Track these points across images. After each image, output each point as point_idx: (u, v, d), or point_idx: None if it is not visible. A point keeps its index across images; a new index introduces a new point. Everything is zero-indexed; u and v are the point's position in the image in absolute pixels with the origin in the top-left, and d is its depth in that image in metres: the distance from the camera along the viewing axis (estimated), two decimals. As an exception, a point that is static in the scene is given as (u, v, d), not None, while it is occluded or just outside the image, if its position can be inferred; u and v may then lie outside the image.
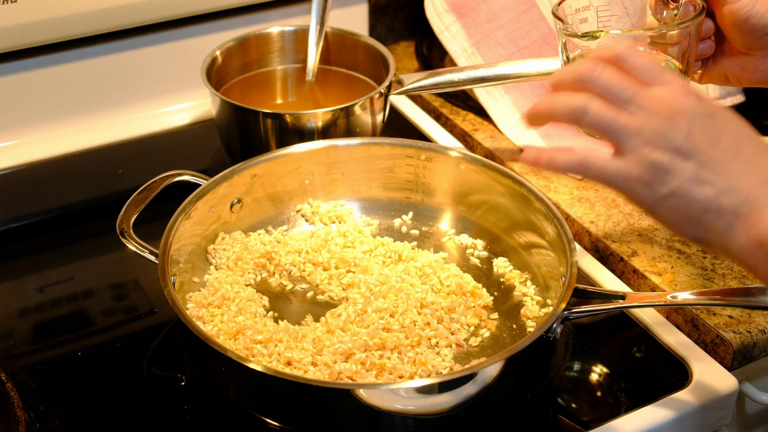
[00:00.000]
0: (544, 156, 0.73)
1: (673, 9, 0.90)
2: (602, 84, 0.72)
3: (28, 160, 1.18)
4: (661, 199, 0.70)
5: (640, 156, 0.70)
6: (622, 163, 0.71)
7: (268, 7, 1.27)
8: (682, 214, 0.70)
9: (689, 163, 0.69)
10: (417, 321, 0.91)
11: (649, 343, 0.93)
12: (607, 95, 0.72)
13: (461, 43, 1.22)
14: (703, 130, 0.70)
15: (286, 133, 1.08)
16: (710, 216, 0.69)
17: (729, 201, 0.69)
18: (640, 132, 0.70)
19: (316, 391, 0.80)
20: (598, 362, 0.92)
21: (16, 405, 0.79)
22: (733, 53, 0.92)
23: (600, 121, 0.71)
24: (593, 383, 0.91)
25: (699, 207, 0.69)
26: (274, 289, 0.98)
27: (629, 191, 0.71)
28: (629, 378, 0.91)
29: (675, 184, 0.69)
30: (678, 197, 0.69)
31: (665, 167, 0.69)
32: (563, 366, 0.91)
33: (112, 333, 0.96)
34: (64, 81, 1.19)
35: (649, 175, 0.70)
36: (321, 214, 1.05)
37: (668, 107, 0.71)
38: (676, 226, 0.71)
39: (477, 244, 1.03)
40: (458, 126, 1.24)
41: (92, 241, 1.09)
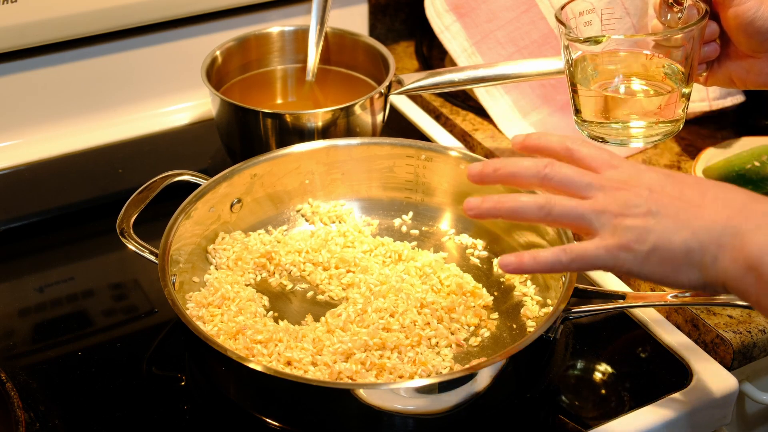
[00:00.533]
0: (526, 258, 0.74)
1: (677, 12, 0.90)
2: (558, 179, 0.74)
3: (28, 160, 1.18)
4: (647, 257, 0.71)
5: (613, 228, 0.72)
6: (598, 241, 0.72)
7: (268, 7, 1.27)
8: (670, 262, 0.71)
9: (660, 218, 0.71)
10: (417, 321, 0.91)
11: (649, 343, 0.93)
12: (565, 188, 0.74)
13: (461, 43, 1.22)
14: (663, 189, 0.73)
15: (286, 133, 1.08)
16: (695, 255, 0.70)
17: (707, 235, 0.70)
18: (606, 209, 0.72)
19: (316, 391, 0.80)
20: (598, 362, 0.92)
21: (16, 405, 0.79)
22: (738, 56, 0.92)
23: (566, 212, 0.73)
24: (593, 383, 0.91)
25: (682, 250, 0.70)
26: (274, 289, 0.98)
27: (615, 262, 0.72)
28: (629, 378, 0.91)
29: (653, 238, 0.71)
30: (661, 249, 0.71)
31: (640, 227, 0.71)
32: (563, 366, 0.91)
33: (112, 333, 0.96)
34: (64, 81, 1.19)
35: (627, 239, 0.71)
36: (321, 214, 1.05)
37: (625, 182, 0.73)
38: (670, 276, 0.72)
39: (477, 244, 1.03)
40: (458, 126, 1.24)
41: (92, 241, 1.09)
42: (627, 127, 0.93)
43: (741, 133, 1.17)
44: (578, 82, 0.93)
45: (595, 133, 0.95)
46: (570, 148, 0.77)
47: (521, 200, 0.74)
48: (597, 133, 0.94)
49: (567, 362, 0.92)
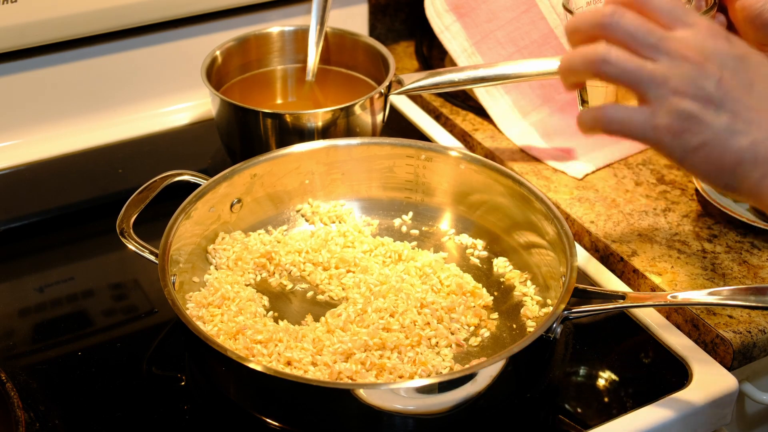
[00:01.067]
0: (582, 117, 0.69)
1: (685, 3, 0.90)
2: (623, 29, 0.67)
3: (28, 160, 1.18)
4: (693, 151, 0.66)
5: (668, 105, 0.66)
6: (648, 114, 0.66)
7: (268, 7, 1.27)
8: (715, 165, 0.66)
9: (722, 112, 0.65)
10: (417, 321, 0.91)
11: (649, 343, 0.93)
12: (629, 42, 0.67)
13: (461, 43, 1.22)
14: (735, 74, 0.66)
15: (286, 133, 1.08)
16: (745, 167, 0.66)
17: (765, 151, 0.65)
18: (667, 80, 0.66)
19: (316, 391, 0.80)
20: (598, 362, 0.92)
21: (16, 405, 0.79)
22: None
23: (623, 70, 0.67)
24: (593, 383, 0.91)
25: (733, 158, 0.66)
26: (274, 289, 0.98)
27: (657, 143, 0.67)
28: (629, 378, 0.91)
29: (707, 134, 0.65)
30: (711, 148, 0.66)
31: (696, 117, 0.65)
32: (563, 366, 0.91)
33: (112, 333, 0.96)
34: (64, 81, 1.19)
35: (679, 125, 0.66)
36: (321, 214, 1.05)
37: (696, 51, 0.66)
38: (707, 176, 0.67)
39: (477, 244, 1.03)
40: (458, 126, 1.24)
41: (92, 241, 1.09)
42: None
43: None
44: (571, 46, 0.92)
45: None
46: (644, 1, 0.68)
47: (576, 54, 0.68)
48: None
49: (567, 362, 0.92)
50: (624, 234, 1.04)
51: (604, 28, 0.67)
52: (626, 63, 0.67)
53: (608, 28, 0.67)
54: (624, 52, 0.67)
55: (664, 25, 0.68)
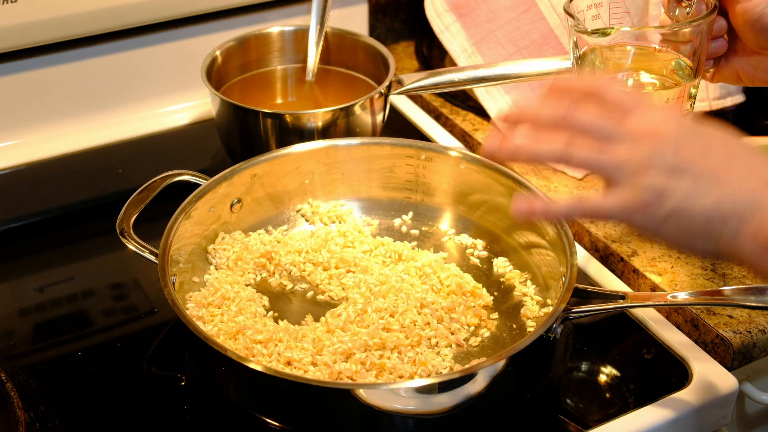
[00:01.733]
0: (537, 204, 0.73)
1: (685, 7, 0.89)
2: (582, 123, 0.71)
3: (28, 160, 1.18)
4: (663, 220, 0.68)
5: (632, 184, 0.69)
6: (616, 195, 0.69)
7: (268, 7, 1.27)
8: (687, 230, 0.68)
9: (683, 179, 0.68)
10: (417, 321, 0.91)
11: (649, 343, 0.93)
12: (588, 133, 0.71)
13: (461, 43, 1.22)
14: (690, 144, 0.69)
15: (286, 133, 1.08)
16: (715, 226, 0.67)
17: (731, 207, 0.67)
18: (628, 161, 0.69)
19: (316, 391, 0.80)
20: (598, 362, 0.92)
21: (16, 405, 0.79)
22: (745, 52, 0.91)
23: (585, 159, 0.70)
24: (593, 383, 0.91)
25: (702, 219, 0.68)
26: (274, 289, 0.98)
27: (630, 220, 0.70)
28: (629, 378, 0.91)
29: (673, 202, 0.68)
30: (679, 215, 0.68)
31: (660, 188, 0.68)
32: (563, 366, 0.91)
33: (112, 333, 0.96)
34: (64, 81, 1.19)
35: (645, 199, 0.68)
36: (321, 214, 1.05)
37: (651, 131, 0.70)
38: (684, 243, 0.69)
39: (477, 244, 1.03)
40: (458, 126, 1.24)
41: (92, 241, 1.09)
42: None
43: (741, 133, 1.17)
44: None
45: None
46: (598, 90, 0.72)
47: (542, 144, 0.71)
48: None
49: (567, 362, 0.92)
50: (624, 234, 1.04)
51: (564, 122, 0.71)
52: (587, 153, 0.70)
53: (567, 122, 0.71)
54: (585, 143, 0.70)
55: (620, 114, 0.71)
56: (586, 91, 0.73)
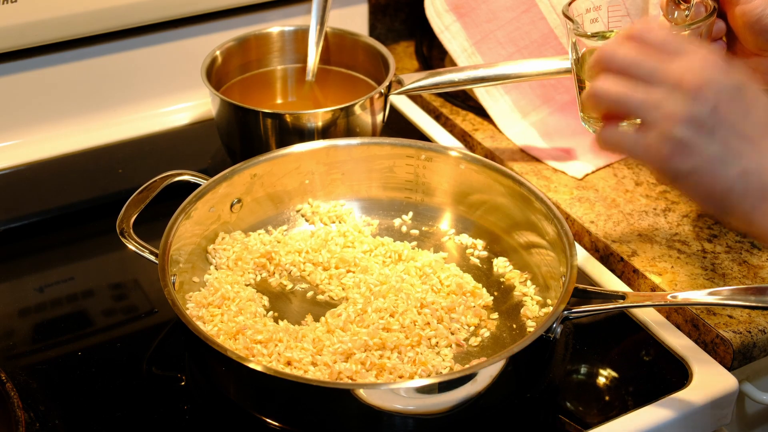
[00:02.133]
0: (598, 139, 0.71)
1: (684, 10, 0.89)
2: (619, 61, 0.69)
3: (28, 160, 1.18)
4: (683, 176, 0.67)
5: (660, 129, 0.67)
6: (642, 137, 0.67)
7: (268, 7, 1.27)
8: (706, 192, 0.67)
9: (714, 139, 0.66)
10: (417, 321, 0.91)
11: (649, 343, 0.93)
12: (627, 71, 0.69)
13: (461, 43, 1.22)
14: (730, 102, 0.67)
15: (286, 133, 1.08)
16: (735, 197, 0.66)
17: (757, 181, 0.65)
18: (659, 105, 0.67)
19: (316, 391, 0.80)
20: (598, 362, 0.92)
21: (16, 405, 0.79)
22: (744, 54, 0.91)
23: (616, 99, 0.68)
24: (593, 383, 0.91)
25: (724, 187, 0.66)
26: (274, 289, 0.98)
27: (649, 164, 0.68)
28: (629, 378, 0.91)
29: (698, 161, 0.66)
30: (701, 175, 0.66)
31: (687, 143, 0.66)
32: (563, 366, 0.91)
33: (112, 333, 0.96)
34: (64, 81, 1.19)
35: (669, 149, 0.66)
36: (321, 214, 1.05)
37: (692, 78, 0.67)
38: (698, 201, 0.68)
39: (477, 244, 1.03)
40: (458, 126, 1.24)
41: (92, 241, 1.09)
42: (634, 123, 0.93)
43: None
44: (585, 79, 0.93)
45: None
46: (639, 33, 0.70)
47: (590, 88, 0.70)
48: None
49: (567, 362, 0.92)
50: (624, 234, 1.04)
51: (602, 61, 0.70)
52: (617, 91, 0.69)
53: (605, 61, 0.70)
54: (617, 81, 0.69)
55: (664, 56, 0.69)
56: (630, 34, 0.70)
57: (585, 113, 0.96)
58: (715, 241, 1.02)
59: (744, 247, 1.01)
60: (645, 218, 1.06)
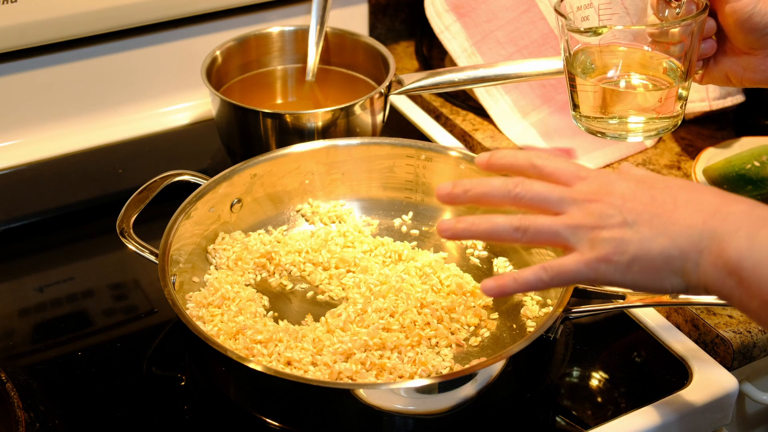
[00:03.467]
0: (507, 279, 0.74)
1: (675, 7, 0.90)
2: (529, 198, 0.74)
3: (28, 160, 1.18)
4: (627, 267, 0.71)
5: (590, 242, 0.72)
6: (577, 256, 0.72)
7: (268, 7, 1.27)
8: (652, 271, 0.71)
9: (636, 228, 0.71)
10: (417, 321, 0.91)
11: (649, 343, 0.93)
12: (538, 205, 0.74)
13: (461, 43, 1.22)
14: (635, 196, 0.72)
15: (286, 133, 1.08)
16: (676, 262, 0.70)
17: (687, 242, 0.70)
18: (581, 223, 0.72)
19: (316, 391, 0.80)
20: (598, 362, 0.92)
21: (16, 405, 0.79)
22: (734, 53, 0.91)
23: (541, 231, 0.73)
24: (593, 383, 0.91)
25: (663, 258, 0.71)
26: (274, 289, 0.98)
27: (596, 275, 0.72)
28: (629, 378, 0.91)
29: (632, 248, 0.71)
30: (641, 258, 0.71)
31: (617, 239, 0.71)
32: (563, 366, 0.91)
33: (112, 333, 0.96)
34: (64, 81, 1.19)
35: (606, 251, 0.71)
36: (321, 214, 1.05)
37: (596, 192, 0.73)
38: (653, 283, 0.72)
39: (477, 244, 1.03)
40: (458, 126, 1.24)
41: (92, 241, 1.09)
42: (625, 121, 0.94)
43: (741, 133, 1.17)
44: (577, 76, 0.93)
45: (593, 127, 0.95)
46: (536, 164, 0.76)
47: (496, 221, 0.74)
48: (595, 127, 0.94)
49: (567, 362, 0.92)
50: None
51: (514, 198, 0.75)
52: (542, 224, 0.73)
53: (516, 198, 0.75)
54: (538, 216, 0.74)
55: (564, 183, 0.75)
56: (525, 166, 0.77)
57: (576, 111, 0.96)
58: (715, 241, 1.02)
59: (744, 247, 1.01)
60: (645, 218, 1.05)
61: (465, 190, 0.77)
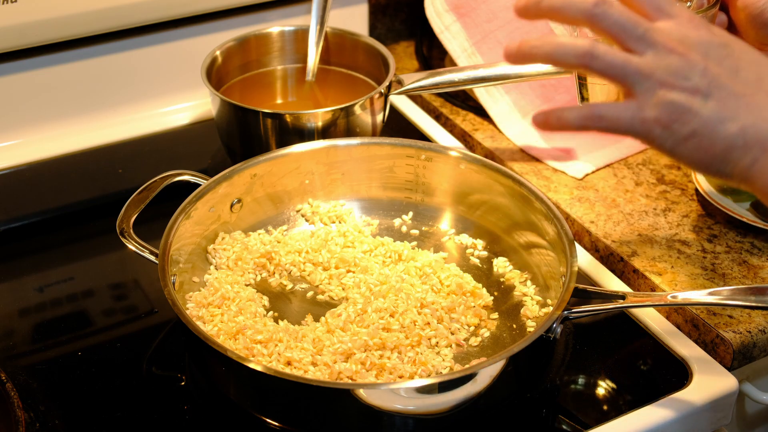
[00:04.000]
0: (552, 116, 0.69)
1: (686, 1, 0.89)
2: (610, 20, 0.67)
3: (28, 160, 1.18)
4: (683, 140, 0.66)
5: (656, 98, 0.66)
6: (636, 108, 0.67)
7: (268, 7, 1.27)
8: (706, 153, 0.66)
9: (709, 100, 0.66)
10: (417, 321, 0.91)
11: (649, 343, 0.93)
12: (616, 33, 0.68)
13: (461, 43, 1.22)
14: (719, 62, 0.67)
15: (286, 133, 1.08)
16: (736, 152, 0.66)
17: (755, 135, 0.65)
18: (653, 72, 0.66)
19: (316, 391, 0.80)
20: (598, 362, 0.92)
21: (16, 405, 0.79)
22: None
23: (610, 65, 0.67)
24: (593, 383, 0.91)
25: (724, 145, 0.66)
26: (274, 289, 0.98)
27: (647, 135, 0.67)
28: (629, 378, 0.91)
29: (696, 123, 0.66)
30: (701, 137, 0.66)
31: (684, 107, 0.66)
32: (563, 366, 0.91)
33: (112, 333, 0.96)
34: (64, 81, 1.19)
35: (668, 116, 0.66)
36: (321, 214, 1.05)
37: (680, 42, 0.67)
38: (699, 165, 0.68)
39: (477, 244, 1.03)
40: (458, 126, 1.24)
41: (92, 241, 1.09)
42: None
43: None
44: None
45: None
46: None
47: (562, 42, 0.68)
48: None
49: (567, 362, 0.92)
50: (624, 234, 1.04)
51: (592, 17, 0.68)
52: (613, 58, 0.67)
53: (595, 18, 0.68)
54: (609, 47, 0.67)
55: (647, 16, 0.68)
56: None
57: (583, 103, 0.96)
58: (715, 241, 1.02)
59: (744, 247, 1.01)
60: (645, 218, 1.06)
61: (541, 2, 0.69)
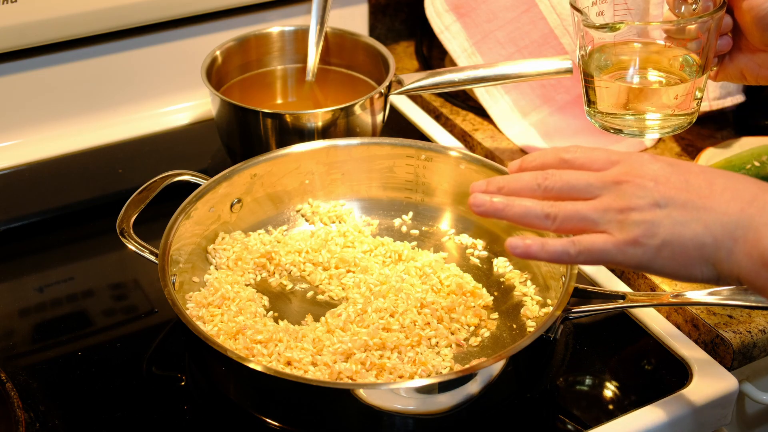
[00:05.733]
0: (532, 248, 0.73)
1: (691, 4, 0.89)
2: (559, 187, 0.73)
3: (28, 160, 1.18)
4: (657, 251, 0.70)
5: (620, 224, 0.70)
6: (606, 236, 0.71)
7: (268, 7, 1.27)
8: (682, 257, 0.69)
9: (668, 210, 0.69)
10: (417, 321, 0.91)
11: (649, 343, 0.93)
12: (568, 194, 0.73)
13: (461, 43, 1.22)
14: (669, 179, 0.71)
15: (286, 133, 1.08)
16: (709, 249, 0.69)
17: (721, 229, 0.68)
18: (610, 205, 0.71)
19: (316, 391, 0.80)
20: (598, 362, 0.92)
21: (16, 405, 0.79)
22: (750, 50, 0.91)
23: (570, 216, 0.72)
24: (593, 383, 0.91)
25: (694, 245, 0.69)
26: (274, 289, 0.98)
27: (624, 257, 0.70)
28: (629, 378, 0.91)
29: (663, 232, 0.69)
30: (672, 244, 0.69)
31: (647, 221, 0.69)
32: (563, 366, 0.91)
33: (112, 333, 0.96)
34: (64, 81, 1.19)
35: (636, 234, 0.70)
36: (321, 214, 1.05)
37: (627, 174, 0.71)
38: (683, 271, 0.70)
39: (477, 244, 1.03)
40: (458, 126, 1.24)
41: (92, 241, 1.09)
42: (642, 118, 0.93)
43: (741, 133, 1.17)
44: (592, 73, 0.93)
45: (609, 124, 0.94)
46: (566, 158, 0.75)
47: (529, 206, 0.73)
48: (611, 124, 0.94)
49: (567, 362, 0.92)
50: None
51: (544, 191, 0.73)
52: (570, 209, 0.72)
53: (546, 190, 0.73)
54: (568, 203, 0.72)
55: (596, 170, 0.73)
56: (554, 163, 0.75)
57: (591, 108, 0.96)
58: (715, 241, 1.02)
59: (744, 247, 1.01)
60: (645, 218, 1.05)
61: (499, 188, 0.75)
